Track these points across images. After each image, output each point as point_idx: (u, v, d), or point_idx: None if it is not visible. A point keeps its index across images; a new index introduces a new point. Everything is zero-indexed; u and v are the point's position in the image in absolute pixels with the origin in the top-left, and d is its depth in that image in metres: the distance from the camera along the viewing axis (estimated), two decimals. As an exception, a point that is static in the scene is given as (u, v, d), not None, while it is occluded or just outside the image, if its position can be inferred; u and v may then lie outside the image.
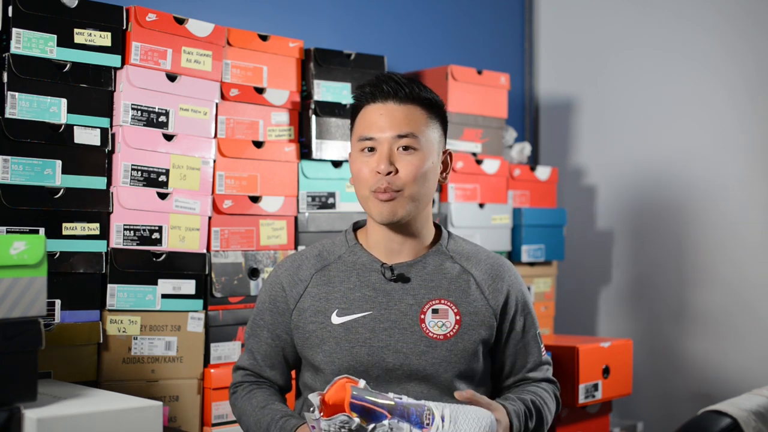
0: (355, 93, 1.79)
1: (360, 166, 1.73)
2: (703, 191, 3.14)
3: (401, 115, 1.72)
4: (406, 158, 1.70)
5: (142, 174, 2.15)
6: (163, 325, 2.17)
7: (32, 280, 1.50)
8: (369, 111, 1.74)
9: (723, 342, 3.07)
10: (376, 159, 1.71)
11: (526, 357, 1.81)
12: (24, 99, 2.00)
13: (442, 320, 1.73)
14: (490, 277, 1.79)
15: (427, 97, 1.75)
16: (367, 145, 1.72)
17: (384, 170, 1.69)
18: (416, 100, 1.73)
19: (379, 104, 1.73)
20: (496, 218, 2.87)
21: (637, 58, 3.34)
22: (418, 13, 3.28)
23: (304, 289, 1.77)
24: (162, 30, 2.19)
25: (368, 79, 1.81)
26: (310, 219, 2.47)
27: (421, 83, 1.77)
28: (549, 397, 1.80)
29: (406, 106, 1.72)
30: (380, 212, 1.71)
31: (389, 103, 1.73)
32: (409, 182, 1.70)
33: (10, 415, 1.45)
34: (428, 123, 1.74)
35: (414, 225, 1.76)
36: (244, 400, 1.78)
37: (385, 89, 1.73)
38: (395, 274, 1.75)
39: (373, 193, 1.71)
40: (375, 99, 1.74)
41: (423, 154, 1.72)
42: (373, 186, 1.70)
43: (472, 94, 2.87)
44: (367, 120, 1.74)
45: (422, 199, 1.73)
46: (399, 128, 1.71)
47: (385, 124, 1.71)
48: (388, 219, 1.71)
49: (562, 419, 2.59)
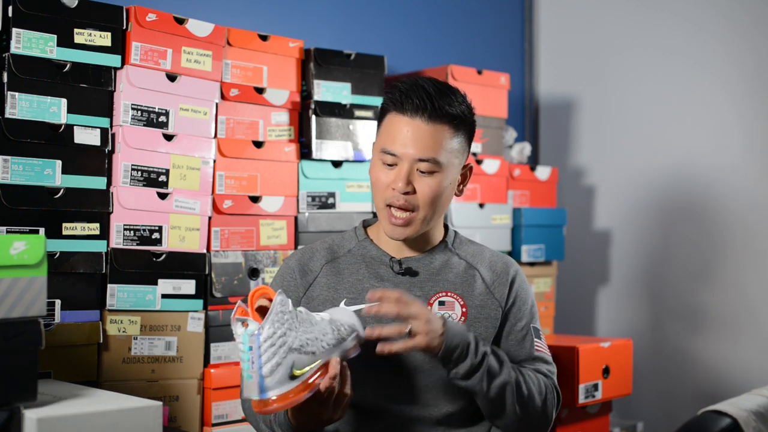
0: (385, 94, 1.77)
1: (378, 175, 1.74)
2: (703, 191, 3.14)
3: (426, 135, 1.70)
4: (425, 180, 1.71)
5: (142, 174, 2.15)
6: (163, 325, 2.17)
7: (32, 280, 1.50)
8: (395, 122, 1.73)
9: (723, 342, 3.07)
10: (395, 175, 1.71)
11: (520, 350, 1.81)
12: (24, 99, 2.00)
13: (448, 312, 1.75)
14: (495, 272, 1.81)
15: (456, 113, 1.73)
16: (388, 160, 1.73)
17: (401, 189, 1.70)
18: (445, 117, 1.71)
19: (406, 117, 1.71)
20: (496, 218, 2.87)
21: (637, 58, 3.34)
22: (418, 13, 3.28)
23: (314, 278, 1.79)
24: (162, 30, 2.19)
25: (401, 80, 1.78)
26: (310, 219, 2.47)
27: (453, 93, 1.74)
28: (533, 379, 1.74)
29: (433, 125, 1.70)
30: (392, 232, 1.74)
31: (416, 119, 1.70)
32: (424, 204, 1.72)
33: (10, 415, 1.45)
34: (452, 138, 1.73)
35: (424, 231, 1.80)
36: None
37: (414, 102, 1.70)
38: (403, 268, 1.78)
39: (387, 207, 1.73)
40: (403, 110, 1.71)
41: (442, 176, 1.72)
42: (389, 199, 1.72)
43: (472, 94, 2.81)
44: (391, 132, 1.73)
45: (434, 218, 1.76)
46: (422, 152, 1.70)
47: (409, 143, 1.70)
48: (397, 239, 1.76)
49: (562, 419, 2.59)
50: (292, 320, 1.50)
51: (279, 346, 1.47)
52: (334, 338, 1.55)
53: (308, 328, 1.52)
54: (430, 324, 1.58)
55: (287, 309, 1.51)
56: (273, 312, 1.48)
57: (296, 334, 1.50)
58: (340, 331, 1.57)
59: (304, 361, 1.50)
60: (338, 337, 1.56)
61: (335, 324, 1.57)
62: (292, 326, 1.50)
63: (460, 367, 1.62)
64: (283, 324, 1.49)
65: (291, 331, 1.49)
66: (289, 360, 1.48)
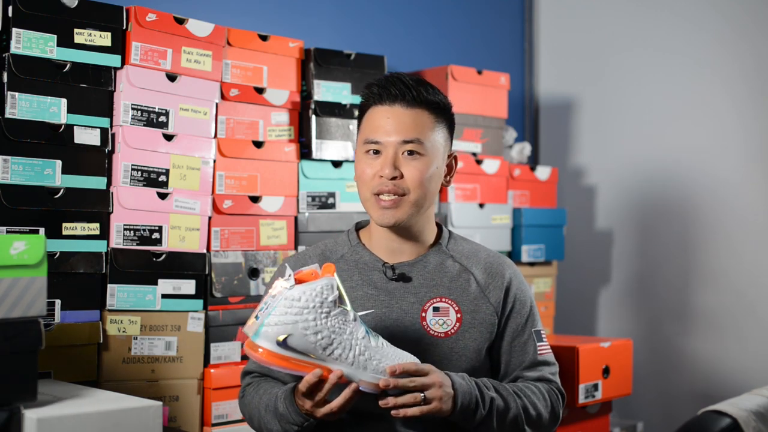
0: (363, 92, 1.78)
1: (364, 168, 1.74)
2: (702, 191, 3.14)
3: (408, 119, 1.71)
4: (411, 163, 1.71)
5: (142, 174, 2.15)
6: (163, 325, 2.17)
7: (32, 280, 1.50)
8: (376, 113, 1.74)
9: (723, 342, 3.07)
10: (381, 162, 1.71)
11: (523, 355, 1.79)
12: (24, 99, 2.00)
13: (443, 318, 1.73)
14: (489, 274, 1.79)
15: (435, 100, 1.74)
16: (372, 148, 1.73)
17: (388, 175, 1.69)
18: (424, 103, 1.73)
19: (386, 107, 1.73)
20: (496, 218, 2.87)
21: (637, 58, 3.34)
22: (418, 13, 3.28)
23: None
24: (162, 30, 2.19)
25: (375, 77, 1.80)
26: (310, 219, 2.47)
27: (430, 85, 1.76)
28: (536, 393, 1.75)
29: (413, 110, 1.72)
30: (381, 216, 1.72)
31: (396, 106, 1.72)
32: (413, 187, 1.71)
33: (10, 415, 1.45)
34: (434, 127, 1.74)
35: (415, 227, 1.77)
36: (251, 395, 1.77)
37: (392, 92, 1.72)
38: (396, 274, 1.76)
39: (374, 195, 1.72)
40: (382, 101, 1.73)
41: (428, 159, 1.72)
42: (375, 188, 1.71)
43: (472, 94, 2.87)
44: (373, 122, 1.74)
45: (424, 204, 1.74)
46: (405, 133, 1.71)
47: (392, 129, 1.71)
48: (387, 224, 1.72)
49: (562, 419, 2.59)
50: (321, 306, 1.49)
51: (292, 313, 1.47)
52: (353, 359, 1.52)
53: (336, 328, 1.51)
54: (444, 389, 1.59)
55: (328, 296, 1.50)
56: (311, 285, 1.49)
57: (315, 319, 1.49)
58: (369, 361, 1.53)
59: (301, 344, 1.49)
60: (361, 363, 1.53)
61: (376, 354, 1.54)
62: (316, 310, 1.49)
63: (473, 420, 1.64)
64: (310, 301, 1.49)
65: (313, 312, 1.48)
66: (288, 329, 1.48)
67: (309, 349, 1.50)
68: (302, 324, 1.48)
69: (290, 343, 1.48)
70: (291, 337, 1.48)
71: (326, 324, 1.50)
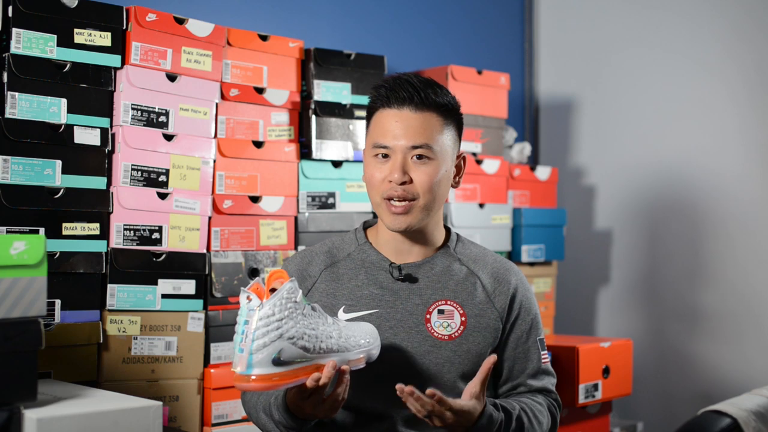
0: (370, 93, 1.77)
1: (373, 172, 1.73)
2: (703, 191, 3.14)
3: (417, 123, 1.70)
4: (421, 168, 1.70)
5: (142, 174, 2.15)
6: (163, 325, 2.17)
7: (32, 280, 1.50)
8: (384, 116, 1.73)
9: (723, 342, 3.07)
10: (390, 167, 1.71)
11: (526, 362, 1.79)
12: (24, 99, 2.00)
13: (447, 321, 1.73)
14: (496, 280, 1.79)
15: (444, 102, 1.73)
16: (381, 152, 1.72)
17: (398, 180, 1.69)
18: (432, 106, 1.72)
19: (394, 110, 1.71)
20: (496, 218, 2.87)
21: (637, 58, 3.34)
22: (418, 13, 3.28)
23: (312, 284, 1.78)
24: (162, 30, 2.19)
25: (381, 78, 1.79)
26: (310, 219, 2.47)
27: (438, 85, 1.75)
28: (542, 410, 1.76)
29: (422, 114, 1.71)
30: (392, 222, 1.72)
31: (405, 109, 1.71)
32: (423, 192, 1.70)
33: (10, 415, 1.45)
34: (443, 129, 1.73)
35: (425, 229, 1.77)
36: (250, 394, 1.76)
37: (401, 95, 1.70)
38: (403, 274, 1.76)
39: (385, 200, 1.71)
40: (390, 104, 1.72)
41: (437, 163, 1.72)
42: (385, 193, 1.71)
43: (472, 94, 2.87)
44: (381, 126, 1.73)
45: (434, 207, 1.74)
46: (414, 138, 1.70)
47: (400, 133, 1.70)
48: (399, 229, 1.73)
49: (562, 419, 2.59)
50: (294, 310, 1.50)
51: (272, 329, 1.47)
52: (336, 344, 1.54)
53: (312, 324, 1.52)
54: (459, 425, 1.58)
55: (294, 298, 1.50)
56: (277, 295, 1.48)
57: (294, 324, 1.49)
58: (347, 341, 1.56)
59: (293, 353, 1.49)
60: (342, 345, 1.55)
61: (346, 332, 1.57)
62: (292, 315, 1.49)
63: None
64: (283, 310, 1.48)
65: (290, 319, 1.49)
66: (277, 345, 1.47)
67: (300, 355, 1.51)
68: (287, 334, 1.49)
69: (284, 358, 1.49)
70: (283, 351, 1.48)
71: (305, 324, 1.51)
